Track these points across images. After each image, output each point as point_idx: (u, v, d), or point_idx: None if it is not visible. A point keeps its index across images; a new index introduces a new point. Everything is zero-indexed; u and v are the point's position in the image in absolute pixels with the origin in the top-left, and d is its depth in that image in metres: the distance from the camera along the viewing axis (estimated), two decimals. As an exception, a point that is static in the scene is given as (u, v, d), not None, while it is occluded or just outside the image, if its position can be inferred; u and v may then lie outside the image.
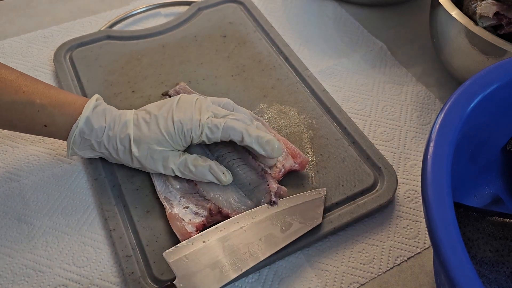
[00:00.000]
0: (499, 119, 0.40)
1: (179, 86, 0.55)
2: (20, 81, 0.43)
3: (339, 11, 0.69)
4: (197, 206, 0.44)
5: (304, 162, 0.47)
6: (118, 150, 0.45)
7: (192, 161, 0.45)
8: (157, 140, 0.44)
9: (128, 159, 0.45)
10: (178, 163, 0.45)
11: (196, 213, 0.43)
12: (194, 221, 0.43)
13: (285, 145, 0.48)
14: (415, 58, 0.63)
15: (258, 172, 0.46)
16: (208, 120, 0.44)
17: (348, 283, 0.42)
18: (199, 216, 0.43)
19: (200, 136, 0.44)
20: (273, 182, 0.45)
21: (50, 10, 0.69)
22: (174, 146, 0.45)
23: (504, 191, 0.44)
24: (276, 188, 0.44)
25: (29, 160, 0.51)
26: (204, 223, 0.43)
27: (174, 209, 0.44)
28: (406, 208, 0.47)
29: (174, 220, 0.43)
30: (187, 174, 0.45)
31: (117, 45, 0.61)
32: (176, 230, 0.42)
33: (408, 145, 0.53)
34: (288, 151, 0.48)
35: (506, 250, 0.37)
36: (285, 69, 0.59)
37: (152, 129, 0.44)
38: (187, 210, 0.44)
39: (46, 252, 0.44)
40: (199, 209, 0.44)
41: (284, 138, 0.49)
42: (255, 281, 0.42)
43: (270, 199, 0.43)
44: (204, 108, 0.45)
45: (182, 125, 0.44)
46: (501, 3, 0.49)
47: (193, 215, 0.43)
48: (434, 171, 0.30)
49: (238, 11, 0.67)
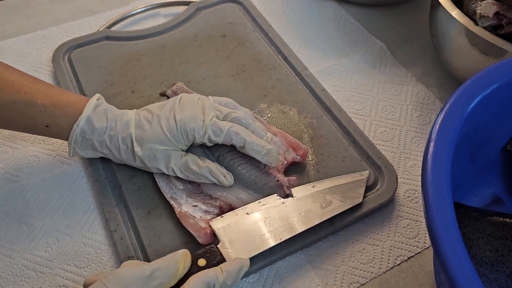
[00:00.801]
0: (499, 119, 0.40)
1: (176, 86, 0.55)
2: (22, 81, 0.43)
3: (339, 11, 0.69)
4: (205, 204, 0.44)
5: (305, 153, 0.48)
6: (120, 150, 0.45)
7: (193, 162, 0.45)
8: (159, 140, 0.44)
9: (130, 158, 0.45)
10: (180, 163, 0.45)
11: (206, 211, 0.43)
12: (205, 217, 0.43)
13: (284, 138, 0.49)
14: (415, 58, 0.63)
15: (261, 169, 0.46)
16: (212, 122, 0.44)
17: (349, 283, 0.42)
18: (209, 213, 0.43)
19: (203, 136, 0.44)
20: (282, 176, 0.45)
21: (50, 11, 0.69)
22: (177, 146, 0.45)
23: (504, 191, 0.44)
24: (287, 181, 0.44)
25: (29, 161, 0.51)
26: None
27: (183, 208, 0.44)
28: (406, 208, 0.47)
29: (186, 218, 0.43)
30: (188, 175, 0.45)
31: (116, 46, 0.61)
32: (190, 227, 0.42)
33: (408, 145, 0.53)
34: (288, 143, 0.48)
35: (506, 250, 0.37)
36: (285, 69, 0.59)
37: (155, 129, 0.44)
38: (196, 208, 0.44)
39: (47, 253, 0.44)
40: (208, 207, 0.44)
41: (282, 131, 0.50)
42: (255, 281, 0.42)
43: (285, 192, 0.44)
44: (207, 107, 0.45)
45: (185, 124, 0.44)
46: (501, 3, 0.49)
47: (203, 213, 0.43)
48: (434, 171, 0.30)
49: (237, 11, 0.67)
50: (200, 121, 0.44)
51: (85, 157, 0.48)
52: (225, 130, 0.44)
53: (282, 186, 0.44)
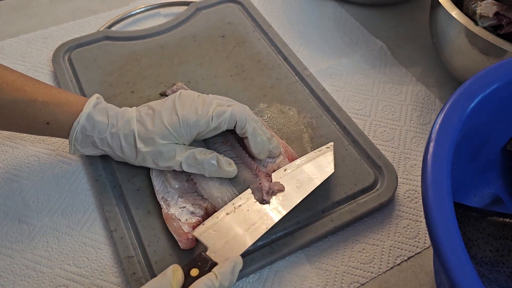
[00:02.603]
0: (499, 119, 0.40)
1: (176, 86, 0.55)
2: (22, 81, 0.43)
3: (339, 11, 0.69)
4: (194, 205, 0.44)
5: None
6: (122, 147, 0.45)
7: (200, 152, 0.45)
8: (162, 135, 0.44)
9: (132, 155, 0.45)
10: (186, 155, 0.45)
11: (192, 213, 0.44)
12: (190, 221, 0.43)
13: (284, 148, 0.48)
14: (415, 58, 0.63)
15: (253, 171, 0.46)
16: (215, 109, 0.45)
17: (349, 283, 0.42)
18: (195, 215, 0.44)
19: (207, 127, 0.44)
20: (266, 181, 0.45)
21: (50, 11, 0.69)
22: (179, 140, 0.45)
23: (504, 191, 0.44)
24: (268, 187, 0.44)
25: (29, 160, 0.51)
26: (200, 222, 0.43)
27: (170, 209, 0.44)
28: (406, 208, 0.47)
29: (171, 220, 0.43)
30: (195, 167, 0.45)
31: (116, 46, 0.61)
32: (173, 230, 0.42)
33: (408, 145, 0.53)
34: (286, 154, 0.48)
35: (506, 250, 0.37)
36: (284, 68, 0.59)
37: (157, 124, 0.44)
38: (183, 210, 0.44)
39: (47, 253, 0.44)
40: (195, 209, 0.44)
41: (283, 142, 0.50)
42: (256, 280, 0.42)
43: (262, 197, 0.44)
44: (208, 100, 0.46)
45: (188, 118, 0.44)
46: (501, 3, 0.49)
47: (189, 214, 0.44)
48: (434, 171, 0.30)
49: (237, 11, 0.67)
50: (203, 112, 0.44)
51: (85, 155, 0.48)
52: (228, 112, 0.44)
53: (261, 191, 0.44)
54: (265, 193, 0.44)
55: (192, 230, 0.42)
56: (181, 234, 0.42)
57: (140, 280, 0.41)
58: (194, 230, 0.42)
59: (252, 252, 0.42)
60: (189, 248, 0.42)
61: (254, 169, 0.46)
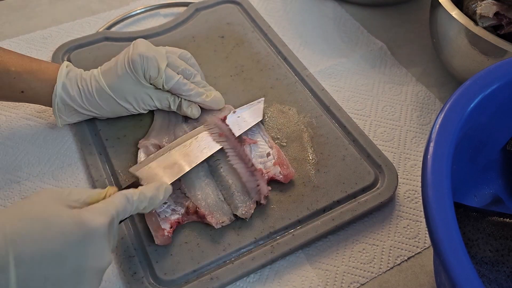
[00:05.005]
0: (499, 119, 0.40)
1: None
2: None
3: (339, 11, 0.69)
4: (176, 203, 0.45)
5: (289, 175, 0.47)
6: (102, 106, 0.48)
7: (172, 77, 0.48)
8: (129, 78, 0.47)
9: (116, 109, 0.49)
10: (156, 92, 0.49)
11: (173, 210, 0.44)
12: (169, 218, 0.43)
13: (278, 155, 0.48)
14: (415, 58, 0.63)
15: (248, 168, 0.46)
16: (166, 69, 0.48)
17: (349, 283, 0.42)
18: (175, 213, 0.44)
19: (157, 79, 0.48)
20: (264, 183, 0.45)
21: (50, 11, 0.69)
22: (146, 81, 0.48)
23: (504, 191, 0.44)
24: (267, 191, 0.45)
25: (30, 160, 0.51)
26: (179, 221, 0.44)
27: None
28: (406, 208, 0.47)
29: (150, 215, 0.43)
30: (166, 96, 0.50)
31: (115, 47, 0.61)
32: (150, 225, 0.43)
33: (408, 145, 0.53)
34: (278, 160, 0.48)
35: (506, 250, 0.37)
36: (284, 69, 0.59)
37: (119, 70, 0.48)
38: (164, 206, 0.44)
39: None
40: (176, 207, 0.44)
41: (278, 147, 0.49)
42: (256, 280, 0.42)
43: (259, 200, 0.44)
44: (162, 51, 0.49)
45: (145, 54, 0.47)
46: (501, 3, 0.49)
47: (170, 211, 0.44)
48: (434, 171, 0.30)
49: (236, 12, 0.67)
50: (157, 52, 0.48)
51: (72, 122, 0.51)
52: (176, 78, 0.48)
53: (259, 193, 0.44)
54: (263, 197, 0.44)
55: (170, 228, 0.43)
56: (157, 229, 0.42)
57: (142, 280, 0.41)
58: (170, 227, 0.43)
59: (253, 251, 0.43)
60: (164, 244, 0.42)
61: (249, 167, 0.46)
